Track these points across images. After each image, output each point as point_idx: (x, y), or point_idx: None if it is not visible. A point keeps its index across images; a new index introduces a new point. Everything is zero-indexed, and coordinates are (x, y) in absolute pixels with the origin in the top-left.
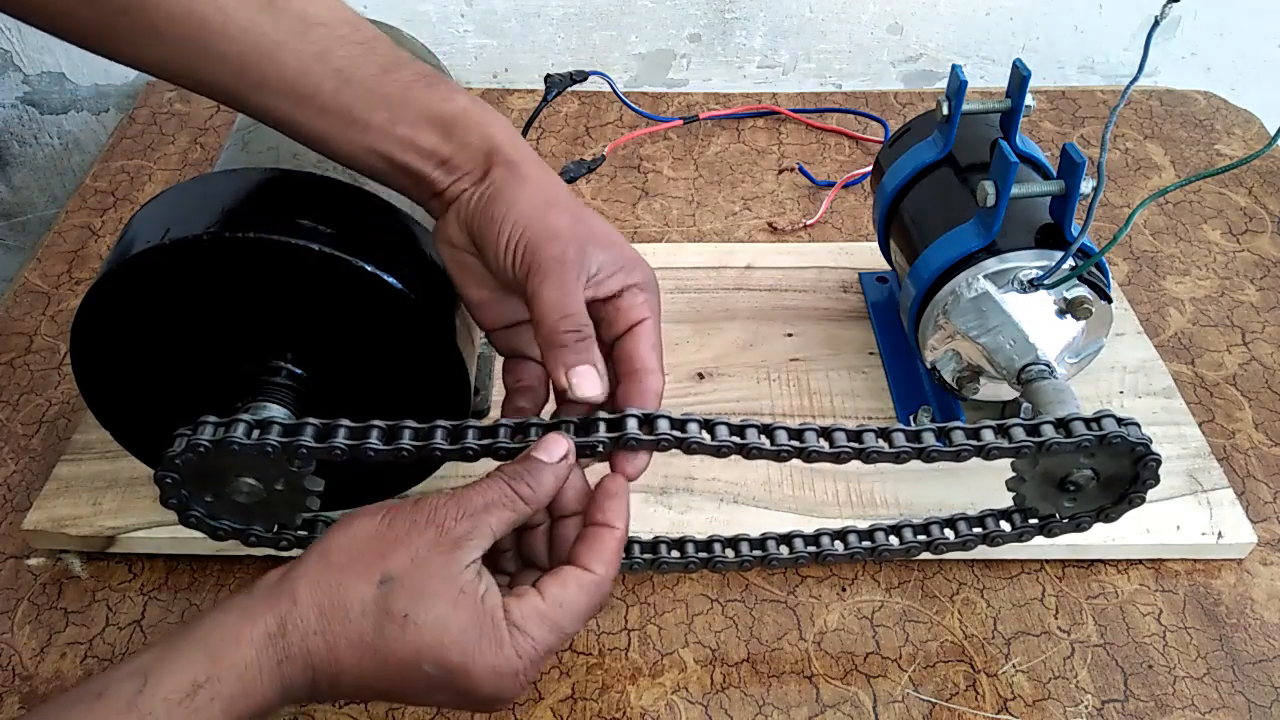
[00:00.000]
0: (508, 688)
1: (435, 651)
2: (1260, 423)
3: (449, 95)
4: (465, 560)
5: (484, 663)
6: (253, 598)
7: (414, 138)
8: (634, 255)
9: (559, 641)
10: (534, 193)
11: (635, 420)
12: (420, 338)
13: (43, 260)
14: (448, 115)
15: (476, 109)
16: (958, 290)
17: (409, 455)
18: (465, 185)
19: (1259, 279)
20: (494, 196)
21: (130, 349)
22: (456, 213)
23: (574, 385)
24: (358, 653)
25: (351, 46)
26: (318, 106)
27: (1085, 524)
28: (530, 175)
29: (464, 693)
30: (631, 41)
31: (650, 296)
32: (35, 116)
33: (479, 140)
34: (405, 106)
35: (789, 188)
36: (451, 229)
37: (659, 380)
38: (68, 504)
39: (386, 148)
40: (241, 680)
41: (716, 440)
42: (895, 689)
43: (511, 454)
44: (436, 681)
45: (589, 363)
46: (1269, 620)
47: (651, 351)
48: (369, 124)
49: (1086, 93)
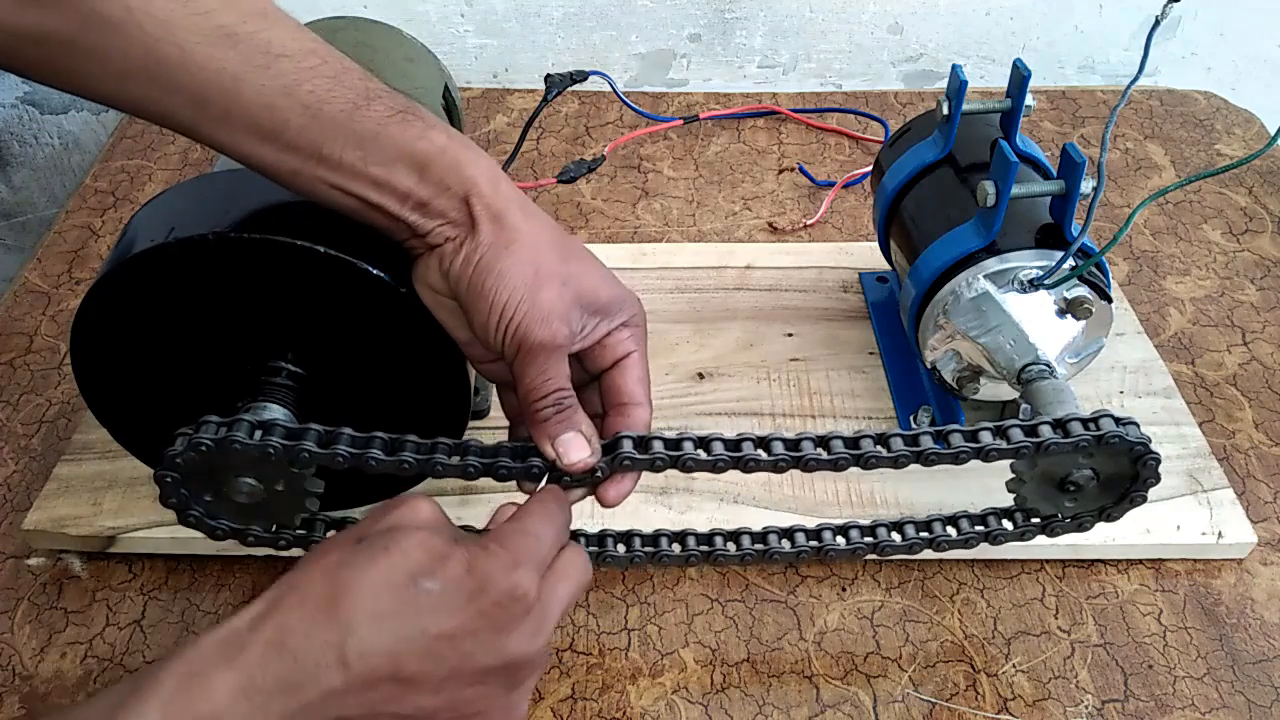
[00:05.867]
0: (507, 623)
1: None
2: (1260, 423)
3: (425, 132)
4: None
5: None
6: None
7: (389, 178)
8: (620, 297)
9: (534, 547)
10: (523, 262)
11: (630, 441)
12: (420, 338)
13: (43, 260)
14: (424, 154)
15: (454, 146)
16: (958, 290)
17: (410, 468)
18: (447, 232)
19: (1259, 279)
20: (483, 268)
21: (130, 349)
22: (439, 261)
23: (561, 455)
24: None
25: (320, 80)
26: (284, 142)
27: (1087, 524)
28: (517, 233)
29: (483, 668)
30: (631, 41)
31: (636, 331)
32: (35, 116)
33: (457, 183)
34: (378, 144)
35: (789, 188)
36: (432, 276)
37: (646, 413)
38: (68, 504)
39: (359, 188)
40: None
41: (713, 455)
42: (895, 689)
43: (513, 474)
44: (454, 675)
45: (574, 429)
46: (1269, 620)
47: (638, 385)
48: (340, 163)
49: (1086, 93)
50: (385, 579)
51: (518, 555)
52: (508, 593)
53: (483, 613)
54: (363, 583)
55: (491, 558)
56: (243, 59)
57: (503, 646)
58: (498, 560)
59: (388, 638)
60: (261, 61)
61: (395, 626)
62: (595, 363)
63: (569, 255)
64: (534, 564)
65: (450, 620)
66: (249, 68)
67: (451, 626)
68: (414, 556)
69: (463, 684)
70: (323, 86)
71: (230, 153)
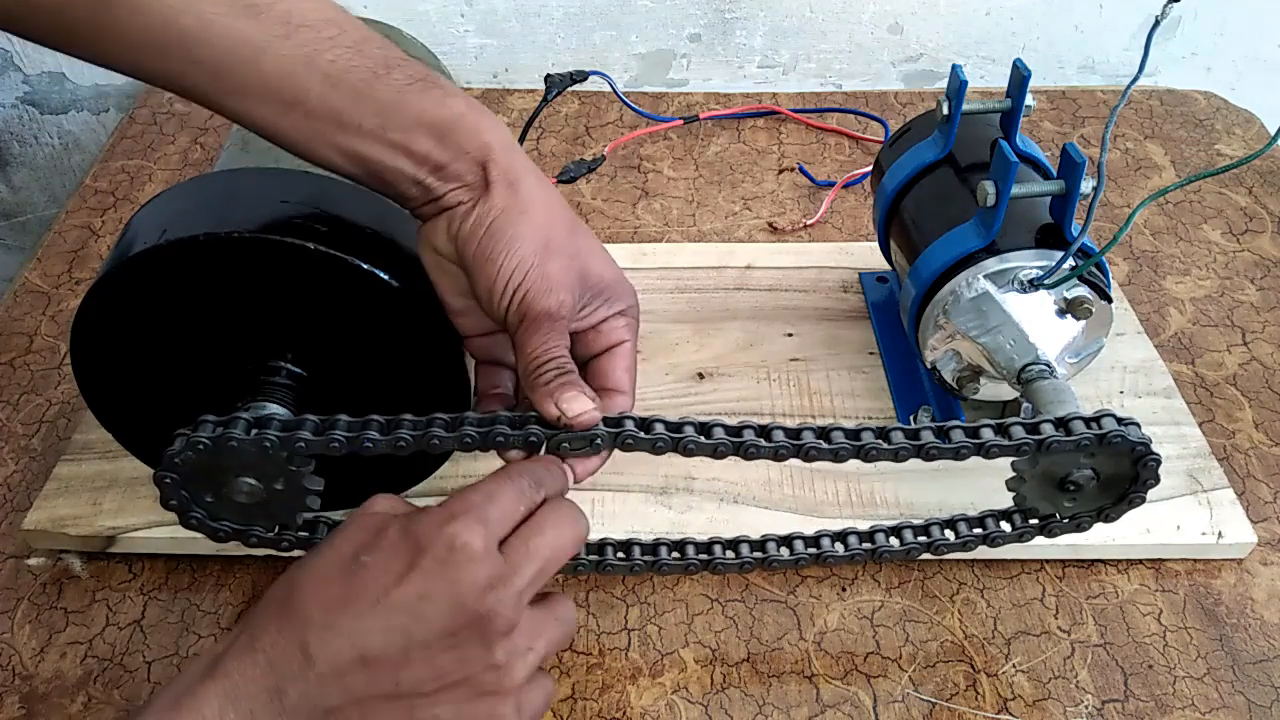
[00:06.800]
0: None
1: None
2: (1260, 423)
3: (444, 99)
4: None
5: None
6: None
7: (407, 143)
8: (620, 283)
9: (477, 500)
10: (534, 230)
11: (633, 421)
12: (419, 335)
13: (43, 260)
14: (443, 120)
15: (472, 114)
16: (958, 290)
17: (405, 446)
18: (461, 196)
19: (1259, 279)
20: (494, 232)
21: (130, 349)
22: (448, 223)
23: (565, 410)
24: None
25: (339, 49)
26: (304, 111)
27: (1086, 524)
28: (530, 202)
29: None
30: (631, 41)
31: (631, 322)
32: (35, 116)
33: (475, 148)
34: (398, 111)
35: (789, 188)
36: (439, 238)
37: (628, 402)
38: (68, 504)
39: (377, 152)
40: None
41: (713, 440)
42: (895, 689)
43: (510, 443)
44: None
45: (576, 389)
46: (1269, 620)
47: (625, 374)
48: (360, 129)
49: (1086, 93)
50: (330, 565)
51: (453, 509)
52: (445, 545)
53: (424, 570)
54: (310, 575)
55: (426, 516)
56: (263, 29)
57: (456, 601)
58: (432, 517)
59: (344, 622)
60: (282, 32)
61: (345, 609)
62: (588, 347)
63: (577, 232)
64: (474, 516)
65: (396, 588)
66: (269, 38)
67: (397, 594)
68: (355, 538)
69: (433, 651)
70: (343, 56)
71: (246, 121)
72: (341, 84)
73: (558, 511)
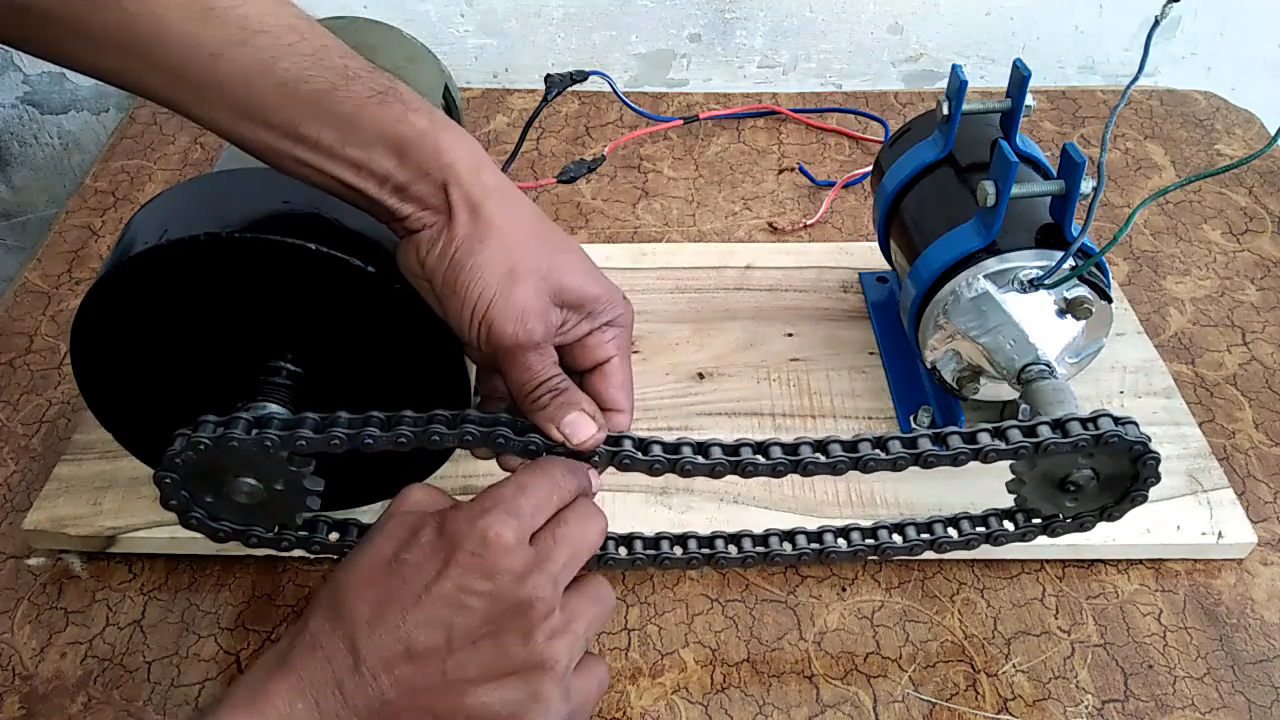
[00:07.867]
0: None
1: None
2: (1260, 423)
3: (405, 114)
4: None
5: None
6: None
7: (367, 161)
8: (604, 294)
9: (508, 494)
10: (498, 257)
11: (631, 441)
12: (419, 336)
13: (43, 260)
14: (403, 137)
15: (435, 130)
16: (958, 290)
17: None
18: (426, 219)
19: (1259, 279)
20: (456, 264)
21: (130, 349)
22: (416, 248)
23: (569, 436)
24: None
25: (297, 57)
26: (261, 120)
27: (1088, 523)
28: (491, 227)
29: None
30: (631, 41)
31: (620, 332)
32: (35, 116)
33: (436, 169)
34: (357, 126)
35: (789, 188)
36: (412, 262)
37: (626, 420)
38: (68, 504)
39: (337, 169)
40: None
41: (710, 460)
42: (895, 689)
43: (510, 447)
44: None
45: (575, 409)
46: (1269, 620)
47: (619, 390)
48: (317, 142)
49: (1086, 93)
50: (371, 565)
51: (484, 503)
52: (478, 539)
53: (460, 565)
54: (354, 575)
55: (459, 512)
56: (219, 34)
57: (494, 591)
58: (466, 513)
59: (388, 619)
60: (238, 37)
61: (389, 606)
62: (576, 362)
63: (553, 248)
64: (505, 509)
65: (435, 583)
66: (225, 43)
67: (437, 589)
68: (395, 535)
69: (476, 640)
70: (299, 64)
71: (212, 128)
72: (298, 93)
73: (581, 506)
